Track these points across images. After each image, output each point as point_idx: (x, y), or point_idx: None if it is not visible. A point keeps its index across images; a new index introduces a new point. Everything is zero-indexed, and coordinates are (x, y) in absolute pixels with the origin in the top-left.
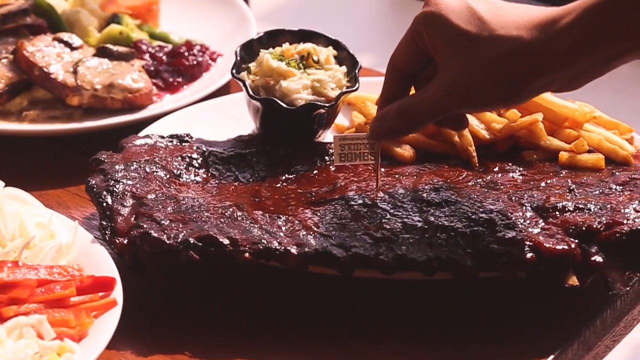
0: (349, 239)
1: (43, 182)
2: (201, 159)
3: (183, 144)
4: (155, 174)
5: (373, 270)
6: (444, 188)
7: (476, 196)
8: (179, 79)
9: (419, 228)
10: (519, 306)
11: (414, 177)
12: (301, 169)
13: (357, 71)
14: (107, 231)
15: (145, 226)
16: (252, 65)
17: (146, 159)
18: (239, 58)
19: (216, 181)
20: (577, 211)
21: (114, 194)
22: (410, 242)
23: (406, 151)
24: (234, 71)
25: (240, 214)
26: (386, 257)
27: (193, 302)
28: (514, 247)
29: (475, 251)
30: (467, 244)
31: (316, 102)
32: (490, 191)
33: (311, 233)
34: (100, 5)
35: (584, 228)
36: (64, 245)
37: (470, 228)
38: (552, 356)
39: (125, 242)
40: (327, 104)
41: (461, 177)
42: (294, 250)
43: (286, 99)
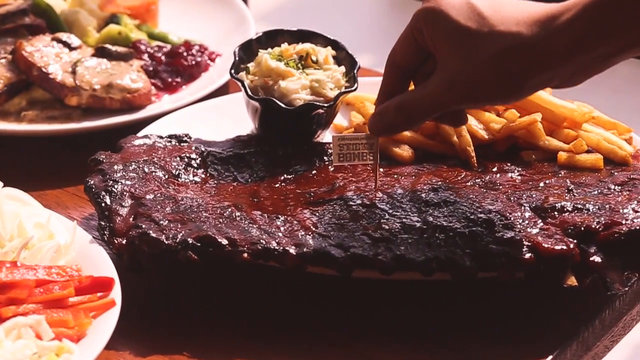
0: (347, 239)
1: (42, 182)
2: (200, 159)
3: (182, 144)
4: (154, 174)
5: (372, 270)
6: (443, 188)
7: (475, 196)
8: (177, 79)
9: (417, 228)
10: (518, 306)
11: (412, 177)
12: (300, 169)
13: (355, 71)
14: (105, 231)
15: (144, 226)
16: (250, 65)
17: (145, 159)
18: (237, 58)
19: (215, 181)
20: (576, 211)
21: (112, 194)
22: (409, 242)
23: (405, 151)
24: (232, 71)
25: (238, 214)
26: (385, 257)
27: (192, 303)
28: (512, 248)
29: (473, 251)
30: (465, 244)
31: (315, 102)
32: (489, 191)
33: (310, 233)
34: (99, 5)
35: (582, 228)
36: (62, 245)
37: (469, 228)
38: (551, 356)
39: (124, 242)
40: (326, 104)
41: (460, 177)
42: (292, 251)
43: (285, 99)
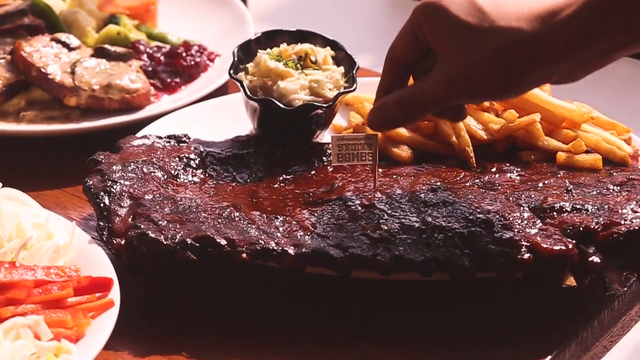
0: (346, 239)
1: (40, 183)
2: (199, 159)
3: (181, 144)
4: (153, 174)
5: (371, 270)
6: (442, 188)
7: (474, 197)
8: (176, 80)
9: (416, 228)
10: (517, 307)
11: (411, 177)
12: (299, 169)
13: (354, 71)
14: (104, 232)
15: (143, 227)
16: (249, 65)
17: (144, 159)
18: (236, 58)
19: (214, 182)
20: (575, 212)
21: (111, 194)
22: (408, 242)
23: (404, 152)
24: (231, 72)
25: (237, 214)
26: (384, 257)
27: (191, 303)
28: (511, 248)
29: (472, 252)
30: (464, 244)
31: (314, 103)
32: (488, 192)
33: (308, 233)
34: (98, 5)
35: (581, 228)
36: (61, 245)
37: (468, 228)
38: (550, 357)
39: (123, 242)
40: (325, 105)
41: (459, 178)
42: (291, 251)
43: (284, 100)
